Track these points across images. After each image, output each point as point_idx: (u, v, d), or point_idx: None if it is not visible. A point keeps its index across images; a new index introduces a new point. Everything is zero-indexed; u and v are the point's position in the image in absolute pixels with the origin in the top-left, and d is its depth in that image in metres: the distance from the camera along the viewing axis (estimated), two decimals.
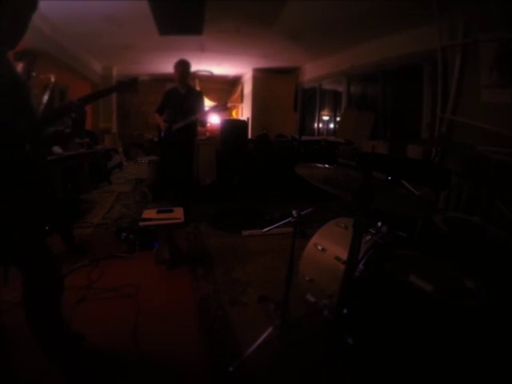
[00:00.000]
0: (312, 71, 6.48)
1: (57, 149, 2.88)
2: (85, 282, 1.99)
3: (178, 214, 2.30)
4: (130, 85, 1.30)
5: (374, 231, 1.54)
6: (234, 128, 4.40)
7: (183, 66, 3.04)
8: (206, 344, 1.50)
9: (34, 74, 2.25)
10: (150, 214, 2.29)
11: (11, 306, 1.54)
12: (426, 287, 1.07)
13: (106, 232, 2.91)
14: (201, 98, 3.19)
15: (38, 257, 1.15)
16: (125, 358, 1.41)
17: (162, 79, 8.26)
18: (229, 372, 1.31)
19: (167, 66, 6.96)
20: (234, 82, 8.73)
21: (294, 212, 1.41)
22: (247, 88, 7.80)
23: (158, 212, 2.30)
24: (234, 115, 8.43)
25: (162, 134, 3.16)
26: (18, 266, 1.15)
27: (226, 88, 8.74)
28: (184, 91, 3.10)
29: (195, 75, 7.66)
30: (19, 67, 2.23)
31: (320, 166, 1.12)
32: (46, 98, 2.21)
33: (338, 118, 6.06)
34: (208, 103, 4.41)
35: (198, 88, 8.25)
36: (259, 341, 1.42)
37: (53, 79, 2.30)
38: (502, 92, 2.60)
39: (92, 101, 1.20)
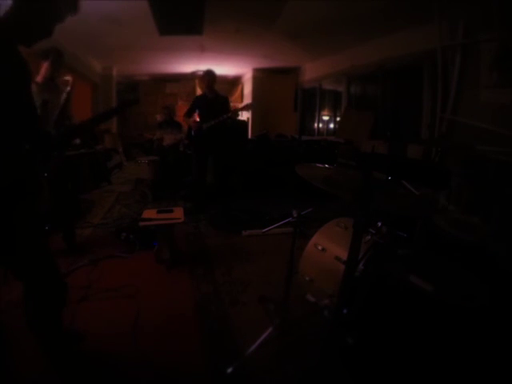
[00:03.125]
0: (312, 71, 6.48)
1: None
2: (85, 282, 1.99)
3: (178, 213, 2.30)
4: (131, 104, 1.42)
5: (373, 231, 1.54)
6: (234, 128, 4.40)
7: (210, 75, 3.40)
8: (205, 344, 1.50)
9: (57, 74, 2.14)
10: (150, 213, 2.29)
11: (11, 306, 1.55)
12: (426, 287, 1.07)
13: (105, 232, 2.91)
14: (227, 101, 3.59)
15: (38, 270, 1.11)
16: (124, 357, 1.41)
17: (162, 79, 8.27)
18: (229, 372, 1.31)
19: (167, 66, 7.05)
20: (234, 82, 8.73)
21: (293, 212, 1.41)
22: (247, 88, 7.80)
23: (158, 212, 2.30)
24: None
25: (193, 133, 3.50)
26: (19, 278, 1.11)
27: (226, 88, 8.73)
28: (211, 96, 3.44)
29: (195, 75, 7.65)
30: (44, 67, 2.12)
31: (320, 165, 1.12)
32: (62, 99, 2.09)
33: (337, 118, 6.06)
34: None
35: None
36: (259, 341, 1.42)
37: (71, 81, 2.15)
38: (502, 92, 2.60)
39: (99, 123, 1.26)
